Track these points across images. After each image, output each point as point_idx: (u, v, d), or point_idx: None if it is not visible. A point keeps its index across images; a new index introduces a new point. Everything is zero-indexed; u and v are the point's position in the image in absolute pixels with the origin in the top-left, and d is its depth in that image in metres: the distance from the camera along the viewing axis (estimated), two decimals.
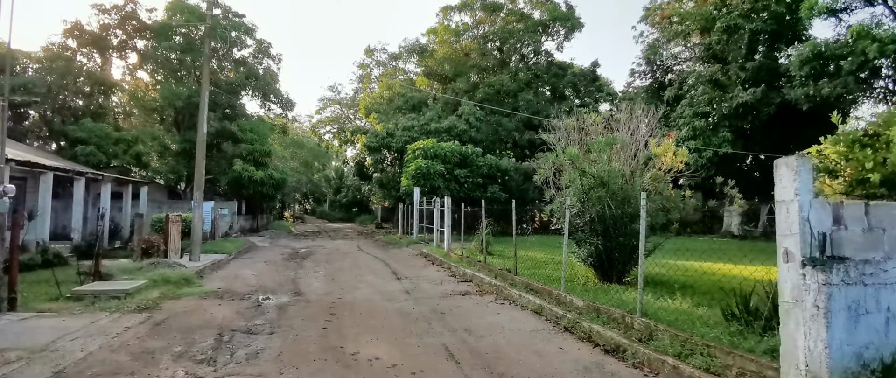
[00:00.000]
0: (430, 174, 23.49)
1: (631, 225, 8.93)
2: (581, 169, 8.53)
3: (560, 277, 9.91)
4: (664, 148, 9.33)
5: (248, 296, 9.24)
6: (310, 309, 8.12)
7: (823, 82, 19.72)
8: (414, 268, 13.96)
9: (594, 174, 8.50)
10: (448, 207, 16.64)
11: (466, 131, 29.57)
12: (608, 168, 8.52)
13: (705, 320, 6.01)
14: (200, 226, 13.71)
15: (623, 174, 8.98)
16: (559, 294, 8.13)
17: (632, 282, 9.33)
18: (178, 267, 11.42)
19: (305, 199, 69.19)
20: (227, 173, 25.68)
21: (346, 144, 42.25)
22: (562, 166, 9.83)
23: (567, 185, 9.73)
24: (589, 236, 9.04)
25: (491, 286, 10.08)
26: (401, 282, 11.25)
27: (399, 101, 33.79)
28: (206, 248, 16.50)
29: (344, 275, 12.31)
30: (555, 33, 37.55)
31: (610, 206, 8.65)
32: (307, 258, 16.33)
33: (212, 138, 26.70)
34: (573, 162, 8.53)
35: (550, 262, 12.59)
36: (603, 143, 8.41)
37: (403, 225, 26.95)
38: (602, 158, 8.54)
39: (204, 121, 13.87)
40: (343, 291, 9.83)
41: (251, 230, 28.81)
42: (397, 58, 40.05)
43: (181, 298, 8.75)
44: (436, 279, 11.62)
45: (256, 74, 28.49)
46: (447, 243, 16.68)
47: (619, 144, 8.69)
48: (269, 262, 15.06)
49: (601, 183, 8.47)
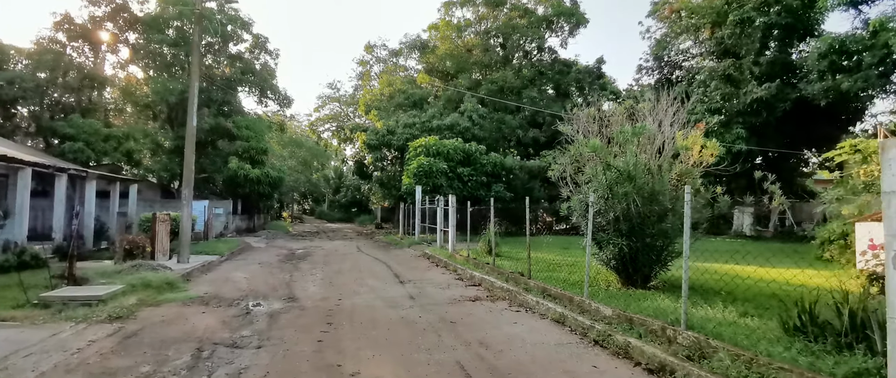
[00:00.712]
0: (433, 172, 22.64)
1: (659, 224, 8.10)
2: (605, 162, 7.68)
3: (579, 282, 9.09)
4: (692, 140, 8.50)
5: (237, 302, 8.39)
6: (304, 317, 7.26)
7: (842, 77, 18.91)
8: (417, 270, 13.11)
9: (620, 168, 7.65)
10: (453, 206, 15.80)
11: (469, 129, 28.73)
12: (635, 161, 7.67)
13: (761, 334, 5.17)
14: (189, 225, 12.86)
15: (649, 169, 8.14)
16: (582, 301, 7.28)
17: (658, 286, 8.50)
18: (163, 269, 10.56)
19: (304, 199, 68.34)
20: (223, 171, 24.82)
21: (346, 142, 41.32)
22: (581, 160, 8.99)
23: (587, 181, 8.89)
24: (612, 236, 8.19)
25: (503, 291, 9.24)
26: (404, 286, 10.40)
27: (400, 98, 32.93)
28: (197, 248, 15.66)
29: (343, 278, 11.45)
30: (559, 29, 36.70)
31: (636, 204, 7.81)
32: (304, 260, 15.48)
33: (206, 135, 25.87)
34: (596, 155, 7.69)
35: (564, 265, 11.76)
36: (629, 133, 7.57)
37: (404, 225, 26.10)
38: (630, 150, 7.69)
39: (193, 114, 13.02)
40: (342, 297, 8.98)
41: (247, 230, 27.95)
42: (398, 54, 39.19)
43: (161, 305, 7.89)
44: (442, 283, 10.77)
45: (253, 70, 27.62)
46: (451, 244, 15.84)
47: (646, 135, 7.84)
48: (263, 263, 14.20)
49: (628, 177, 7.63)
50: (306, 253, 17.88)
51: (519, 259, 13.34)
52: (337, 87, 50.30)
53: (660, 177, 8.17)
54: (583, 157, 8.92)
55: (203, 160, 26.56)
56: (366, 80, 41.18)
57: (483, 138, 28.43)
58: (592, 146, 7.44)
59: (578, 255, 13.53)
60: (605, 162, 7.69)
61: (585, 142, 7.68)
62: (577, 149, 8.23)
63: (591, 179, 8.88)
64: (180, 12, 23.92)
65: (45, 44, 25.59)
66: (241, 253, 17.10)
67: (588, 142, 7.45)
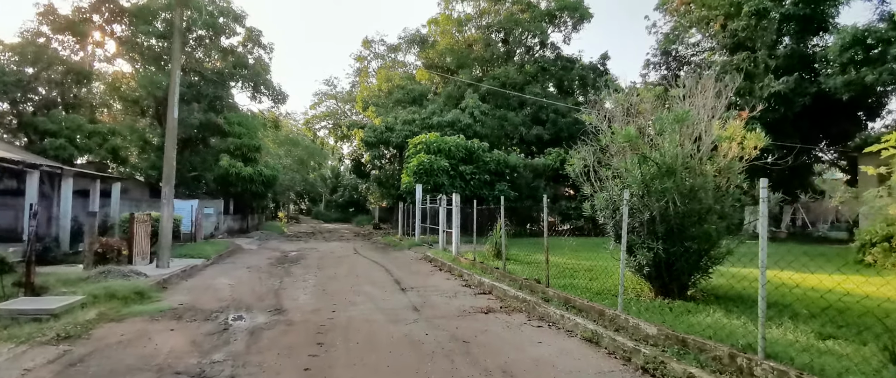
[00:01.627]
0: (434, 170, 21.57)
1: (700, 225, 7.06)
2: (641, 154, 6.63)
3: (605, 290, 8.05)
4: (732, 130, 7.45)
5: (215, 315, 7.30)
6: (291, 335, 6.19)
7: (866, 69, 17.92)
8: (419, 275, 12.04)
9: (659, 161, 6.60)
10: (457, 206, 14.73)
11: (471, 126, 27.67)
12: (678, 152, 6.61)
13: (860, 364, 4.12)
14: (170, 227, 11.75)
15: (687, 163, 7.08)
16: (615, 315, 6.23)
17: (698, 297, 7.46)
18: (136, 276, 9.46)
19: (301, 199, 67.16)
20: (213, 170, 23.68)
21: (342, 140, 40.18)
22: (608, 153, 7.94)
23: (614, 177, 7.83)
24: (646, 239, 7.14)
25: (518, 301, 8.17)
26: (406, 294, 9.32)
27: (398, 94, 31.84)
28: (182, 251, 14.57)
29: (337, 284, 10.37)
30: (562, 24, 35.71)
31: (675, 202, 6.77)
32: (296, 263, 14.39)
33: (196, 132, 24.75)
34: (631, 146, 6.63)
35: (580, 270, 10.72)
36: (670, 120, 6.52)
37: (403, 225, 25.02)
38: (672, 138, 6.63)
39: (175, 105, 11.90)
40: (335, 308, 7.90)
41: (240, 231, 26.81)
42: (396, 49, 38.09)
43: (125, 320, 6.80)
44: (447, 290, 9.70)
45: (246, 64, 26.48)
46: (455, 246, 14.77)
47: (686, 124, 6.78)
48: (252, 268, 13.10)
49: (667, 172, 6.57)
50: (300, 255, 16.78)
51: (530, 263, 12.30)
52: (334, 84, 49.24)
53: (700, 171, 7.12)
54: (610, 150, 7.87)
55: (193, 158, 25.45)
56: (363, 76, 40.07)
57: (485, 136, 27.38)
58: (627, 135, 6.39)
59: (594, 259, 12.48)
60: (641, 154, 6.63)
61: (618, 130, 6.62)
62: (606, 139, 7.14)
63: (618, 175, 7.83)
64: (168, 2, 22.78)
65: (29, 37, 24.43)
66: (229, 256, 15.99)
67: (624, 130, 6.39)
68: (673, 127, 6.57)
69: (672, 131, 6.61)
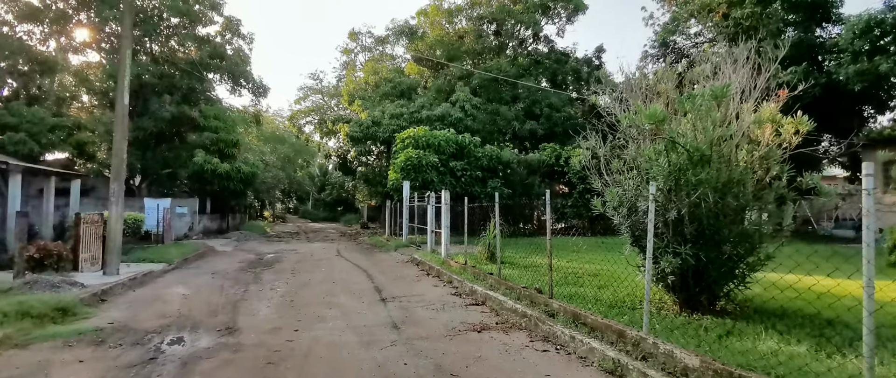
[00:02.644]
0: (422, 166, 20.29)
1: (733, 225, 5.87)
2: (669, 139, 5.40)
3: (619, 303, 6.83)
4: (768, 114, 6.26)
5: (149, 337, 5.99)
6: (233, 367, 4.90)
7: (880, 58, 16.93)
8: (404, 281, 10.77)
9: (691, 147, 5.38)
10: (446, 203, 13.48)
11: (461, 120, 26.41)
12: (716, 135, 5.40)
13: None
14: (119, 228, 10.37)
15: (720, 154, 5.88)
16: (639, 337, 5.00)
17: (730, 309, 6.27)
18: (69, 287, 8.09)
19: (288, 198, 65.53)
20: (188, 166, 22.19)
21: (328, 136, 38.70)
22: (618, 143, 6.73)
23: (631, 168, 6.61)
24: (672, 242, 5.93)
25: (517, 315, 6.94)
26: (386, 305, 8.05)
27: (386, 87, 30.47)
28: (142, 255, 13.18)
29: (309, 294, 9.07)
30: (555, 16, 34.58)
31: (709, 198, 5.57)
32: (270, 267, 13.05)
33: (169, 125, 23.24)
34: (656, 130, 5.41)
35: (585, 275, 9.53)
36: (708, 94, 5.30)
37: (391, 225, 23.73)
38: (712, 116, 5.41)
39: (124, 88, 10.53)
40: (300, 325, 6.61)
41: (217, 232, 25.34)
42: (384, 42, 36.69)
43: (29, 347, 5.46)
44: (435, 300, 8.44)
45: (223, 54, 24.97)
46: (444, 248, 13.52)
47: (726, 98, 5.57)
48: (217, 273, 11.74)
49: (701, 160, 5.36)
50: (276, 258, 15.44)
51: (527, 267, 11.07)
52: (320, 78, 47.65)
53: (736, 160, 5.93)
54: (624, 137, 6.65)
55: (167, 154, 23.96)
56: (350, 70, 38.60)
57: (477, 130, 26.15)
58: (652, 115, 5.17)
59: (599, 261, 11.29)
60: (668, 139, 5.41)
61: (642, 108, 5.39)
62: (626, 120, 5.89)
63: (636, 166, 6.61)
64: None
65: None
66: (197, 259, 14.59)
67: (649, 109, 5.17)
68: (708, 105, 5.35)
69: (708, 110, 5.38)
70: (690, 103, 5.42)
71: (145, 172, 23.93)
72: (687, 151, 5.42)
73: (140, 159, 23.02)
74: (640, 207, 6.40)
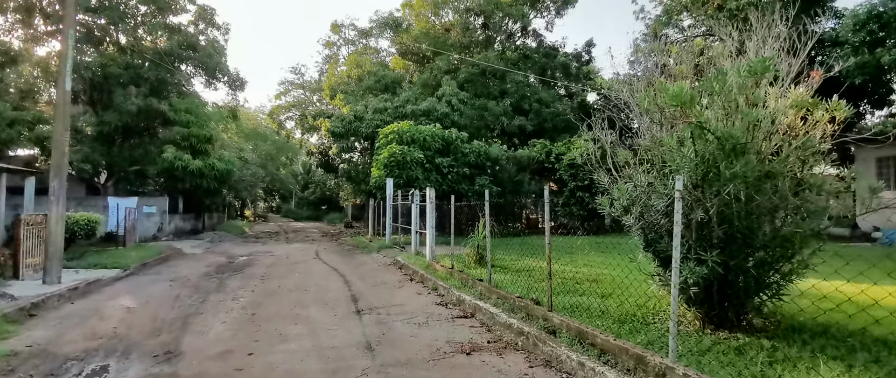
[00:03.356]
0: (407, 162, 19.25)
1: (772, 227, 4.98)
2: (696, 124, 4.47)
3: (628, 315, 5.91)
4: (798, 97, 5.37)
5: (68, 366, 4.91)
6: None
7: (882, 50, 16.33)
8: (384, 288, 9.75)
9: (723, 134, 4.45)
10: (431, 202, 12.49)
11: (448, 115, 25.41)
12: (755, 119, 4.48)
13: None
14: (60, 230, 9.18)
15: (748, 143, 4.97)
16: (665, 366, 4.07)
17: (759, 325, 5.38)
18: None
19: (270, 196, 63.88)
20: (157, 163, 20.86)
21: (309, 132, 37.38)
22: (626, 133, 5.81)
23: (644, 161, 5.69)
24: (696, 247, 5.01)
25: (512, 332, 5.99)
26: (362, 319, 7.04)
27: (369, 81, 29.30)
28: (95, 260, 11.96)
29: (275, 305, 8.01)
30: (544, 9, 33.76)
31: (740, 196, 4.67)
32: (239, 273, 11.93)
33: (136, 119, 21.85)
34: (681, 112, 4.47)
35: (584, 281, 8.63)
36: (745, 70, 4.38)
37: (374, 224, 22.66)
38: (756, 95, 4.49)
39: (67, 73, 9.28)
40: (256, 347, 5.58)
41: (191, 232, 24.01)
42: (368, 34, 35.48)
43: None
44: (418, 312, 7.45)
45: (195, 45, 23.59)
46: (429, 250, 12.53)
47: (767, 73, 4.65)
48: (177, 281, 10.58)
49: (735, 150, 4.45)
50: (248, 262, 14.30)
51: (519, 271, 10.15)
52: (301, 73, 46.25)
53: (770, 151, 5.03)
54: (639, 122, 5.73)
55: (135, 150, 22.56)
56: (333, 65, 37.34)
57: (464, 126, 25.16)
58: (677, 95, 4.23)
59: (598, 266, 10.43)
60: (695, 124, 4.47)
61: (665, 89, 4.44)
62: (644, 100, 4.93)
63: (650, 159, 5.69)
64: None
65: None
66: (159, 263, 13.38)
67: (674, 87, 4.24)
68: (745, 83, 4.43)
69: (745, 88, 4.46)
70: (720, 83, 4.49)
71: (112, 170, 22.51)
72: (718, 139, 4.49)
73: (105, 155, 21.62)
74: (656, 206, 5.48)
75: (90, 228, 12.34)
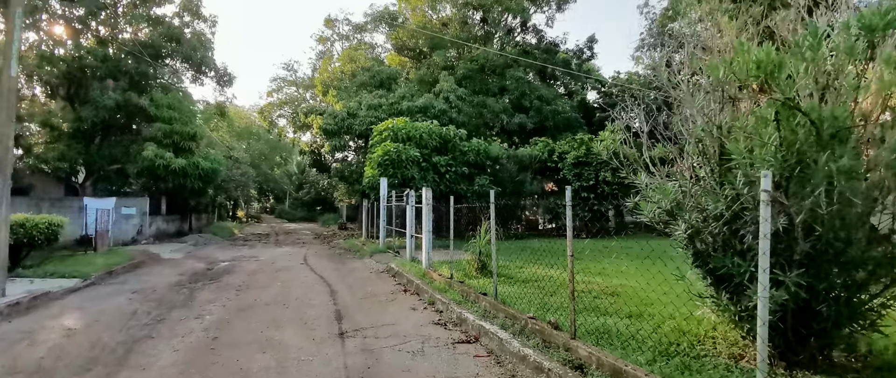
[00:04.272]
0: (402, 161, 18.10)
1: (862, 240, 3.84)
2: (782, 101, 3.33)
3: (668, 344, 4.76)
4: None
5: None
6: None
7: None
8: (375, 302, 8.57)
9: (821, 116, 3.31)
10: (428, 203, 11.32)
11: (446, 112, 24.28)
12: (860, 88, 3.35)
13: None
14: (4, 236, 7.98)
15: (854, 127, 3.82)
16: None
17: (849, 364, 4.24)
18: None
19: (264, 197, 62.52)
20: (137, 161, 19.63)
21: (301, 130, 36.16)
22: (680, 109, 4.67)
23: (700, 153, 4.55)
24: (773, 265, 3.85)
25: (527, 366, 4.83)
26: (345, 344, 5.87)
27: (364, 76, 28.12)
28: (52, 268, 10.74)
29: (245, 325, 6.83)
30: (545, 4, 32.66)
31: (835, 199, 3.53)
32: (215, 281, 10.74)
33: (114, 115, 20.63)
34: (764, 83, 3.33)
35: (602, 294, 7.49)
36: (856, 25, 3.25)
37: (368, 226, 21.48)
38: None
39: (12, 55, 8.09)
40: None
41: (176, 234, 22.76)
42: (362, 29, 34.29)
43: None
44: (411, 335, 6.28)
45: (179, 37, 22.35)
46: (426, 256, 11.35)
47: None
48: (140, 293, 9.38)
49: (837, 138, 3.31)
50: (228, 268, 13.10)
51: (525, 281, 9.00)
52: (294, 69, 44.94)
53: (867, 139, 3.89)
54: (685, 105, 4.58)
55: (114, 148, 21.31)
56: (326, 61, 36.13)
57: (462, 123, 24.03)
58: (760, 61, 3.10)
59: (614, 275, 9.31)
60: (782, 101, 3.33)
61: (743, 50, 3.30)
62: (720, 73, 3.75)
63: (703, 150, 4.55)
64: None
65: None
66: (127, 271, 12.16)
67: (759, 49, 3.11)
68: (852, 47, 3.29)
69: (853, 53, 3.33)
70: (813, 49, 3.34)
71: (91, 169, 21.26)
72: (812, 123, 3.34)
73: (82, 153, 20.36)
74: (710, 210, 4.35)
75: (52, 233, 11.12)
